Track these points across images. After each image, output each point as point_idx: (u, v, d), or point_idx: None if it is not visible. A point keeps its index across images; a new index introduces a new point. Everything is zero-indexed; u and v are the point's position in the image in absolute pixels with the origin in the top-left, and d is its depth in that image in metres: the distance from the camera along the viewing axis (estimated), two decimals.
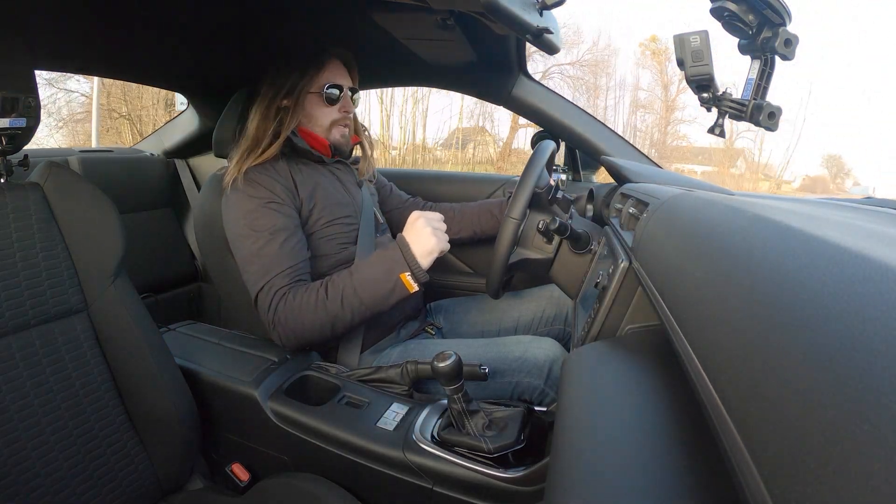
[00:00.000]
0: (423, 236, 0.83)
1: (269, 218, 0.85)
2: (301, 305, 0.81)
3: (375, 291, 0.82)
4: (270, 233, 0.84)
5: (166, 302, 1.58)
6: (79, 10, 0.81)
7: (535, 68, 9.17)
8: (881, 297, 0.16)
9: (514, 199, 0.81)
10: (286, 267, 0.83)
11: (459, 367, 0.66)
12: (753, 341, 0.20)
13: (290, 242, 0.85)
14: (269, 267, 0.83)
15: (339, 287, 0.82)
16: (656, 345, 0.44)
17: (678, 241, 0.38)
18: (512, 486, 0.63)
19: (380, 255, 0.85)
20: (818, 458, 0.14)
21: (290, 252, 0.85)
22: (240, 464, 0.85)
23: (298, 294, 0.82)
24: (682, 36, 0.60)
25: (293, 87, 0.93)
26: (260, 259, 0.83)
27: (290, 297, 0.81)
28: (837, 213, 0.41)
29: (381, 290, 0.82)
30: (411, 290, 0.82)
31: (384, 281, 0.82)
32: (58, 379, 0.67)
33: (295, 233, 0.87)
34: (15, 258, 0.67)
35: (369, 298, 0.82)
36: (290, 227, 0.87)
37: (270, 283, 0.82)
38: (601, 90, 10.60)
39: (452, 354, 0.66)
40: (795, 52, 0.56)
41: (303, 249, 0.88)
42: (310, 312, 0.81)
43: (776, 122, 0.58)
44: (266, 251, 0.83)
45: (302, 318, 0.81)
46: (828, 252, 0.21)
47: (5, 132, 0.68)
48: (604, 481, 0.27)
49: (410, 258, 0.82)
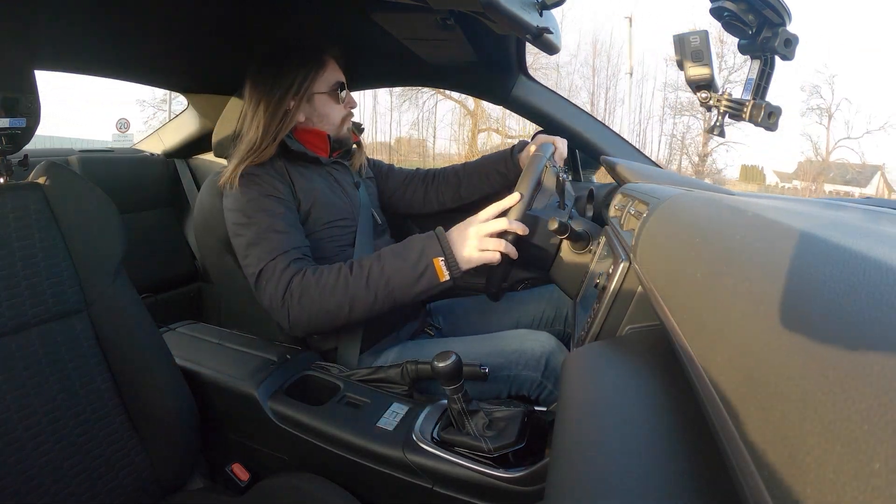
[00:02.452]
0: (467, 247, 0.78)
1: (270, 206, 0.85)
2: (321, 283, 0.78)
3: (404, 274, 0.77)
4: (271, 216, 0.84)
5: (166, 302, 1.58)
6: (79, 10, 0.81)
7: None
8: (881, 298, 0.16)
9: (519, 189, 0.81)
10: (293, 247, 0.82)
11: (459, 367, 0.66)
12: (753, 341, 0.20)
13: (293, 228, 0.85)
14: (274, 247, 0.81)
15: (366, 267, 0.78)
16: (656, 345, 0.44)
17: (678, 241, 0.38)
18: (512, 486, 0.63)
19: (414, 238, 0.81)
20: (818, 458, 0.14)
21: (294, 237, 0.84)
22: (240, 464, 0.85)
23: (319, 271, 0.79)
24: (682, 36, 0.60)
25: (300, 88, 0.92)
26: (263, 242, 0.82)
27: (308, 274, 0.79)
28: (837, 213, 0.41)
29: (411, 273, 0.77)
30: (442, 278, 0.77)
31: (416, 262, 0.77)
32: (58, 379, 0.67)
33: (295, 223, 0.87)
34: (15, 258, 0.67)
35: (397, 280, 0.77)
36: (290, 217, 0.87)
37: (276, 261, 0.80)
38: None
39: (453, 355, 0.66)
40: (795, 52, 0.56)
41: (305, 239, 0.87)
42: (328, 291, 0.78)
43: (776, 123, 0.58)
44: (268, 235, 0.82)
45: (320, 297, 0.78)
46: (828, 252, 0.21)
47: (5, 132, 0.68)
48: (604, 481, 0.27)
49: (447, 247, 0.78)
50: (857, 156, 12.02)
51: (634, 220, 0.58)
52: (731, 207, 0.36)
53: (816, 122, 12.68)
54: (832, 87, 12.67)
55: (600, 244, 0.78)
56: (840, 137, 12.25)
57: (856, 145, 12.59)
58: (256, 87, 0.93)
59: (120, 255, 0.75)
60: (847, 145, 12.25)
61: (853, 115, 13.71)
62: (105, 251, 0.74)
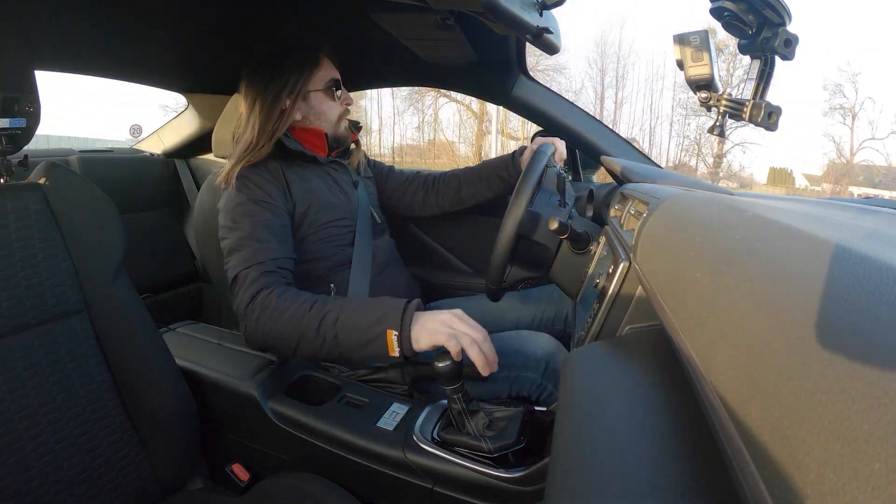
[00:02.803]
0: (435, 323, 0.70)
1: (257, 213, 0.84)
2: (280, 307, 0.75)
3: (355, 333, 0.72)
4: (254, 224, 0.83)
5: (166, 302, 1.58)
6: (79, 10, 0.81)
7: None
8: (881, 297, 0.16)
9: (518, 189, 0.81)
10: (269, 258, 0.81)
11: (459, 367, 0.66)
12: (753, 341, 0.20)
13: (276, 238, 0.84)
14: (250, 255, 0.80)
15: (325, 310, 0.74)
16: (656, 345, 0.44)
17: (678, 241, 0.38)
18: (512, 486, 0.63)
19: (383, 300, 0.75)
20: (818, 459, 0.14)
21: (275, 246, 0.83)
22: (240, 464, 0.85)
23: (286, 294, 0.77)
24: (682, 36, 0.60)
25: (294, 87, 0.92)
26: (243, 249, 0.81)
27: (275, 293, 0.77)
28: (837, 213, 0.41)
29: (362, 335, 0.71)
30: (391, 352, 0.70)
31: (370, 326, 0.71)
32: (58, 379, 0.67)
33: (282, 232, 0.86)
34: (14, 258, 0.67)
35: (345, 336, 0.72)
36: (276, 225, 0.85)
37: (249, 270, 0.79)
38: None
39: None
40: (795, 52, 0.56)
41: (288, 249, 0.85)
42: (284, 319, 0.75)
43: (776, 123, 0.58)
44: (248, 242, 0.81)
45: (275, 321, 0.75)
46: (828, 252, 0.21)
47: (5, 132, 0.68)
48: (604, 481, 0.27)
49: (407, 322, 0.70)
50: (882, 157, 11.85)
51: (634, 220, 0.58)
52: (731, 207, 0.36)
53: (840, 122, 12.47)
54: (855, 85, 12.39)
55: (600, 244, 0.78)
56: (864, 138, 12.08)
57: (881, 146, 12.38)
58: (252, 86, 0.93)
59: (120, 256, 0.75)
60: (872, 146, 12.08)
61: (878, 115, 13.38)
62: (105, 251, 0.74)
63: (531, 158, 0.86)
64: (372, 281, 0.96)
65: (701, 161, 13.40)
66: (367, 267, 0.96)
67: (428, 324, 0.70)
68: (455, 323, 0.70)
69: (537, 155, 0.86)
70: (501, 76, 1.21)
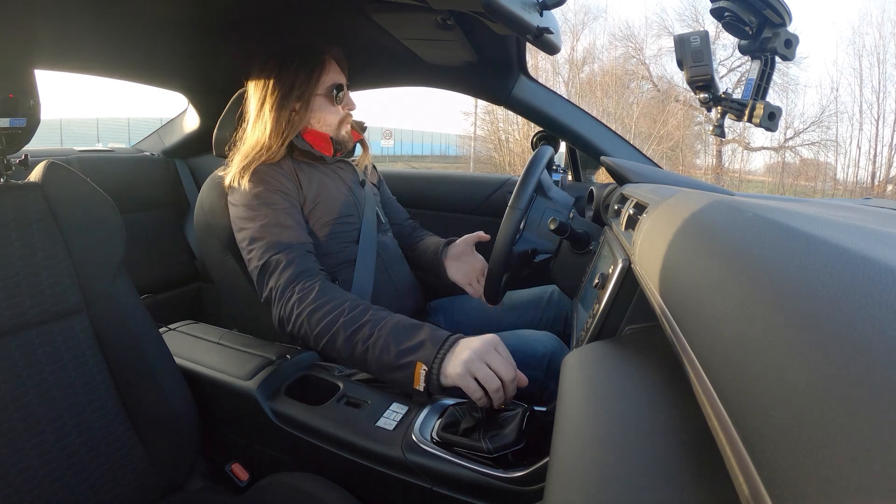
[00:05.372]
0: (469, 363, 0.65)
1: (277, 202, 0.87)
2: (320, 300, 0.76)
3: (386, 356, 0.70)
4: (277, 211, 0.85)
5: (166, 302, 1.58)
6: (79, 10, 0.81)
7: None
8: (881, 298, 0.16)
9: (517, 191, 0.81)
10: (298, 242, 0.83)
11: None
12: (753, 341, 0.20)
13: (298, 225, 0.86)
14: (279, 240, 0.82)
15: (365, 322, 0.72)
16: (656, 345, 0.44)
17: (678, 241, 0.38)
18: (512, 486, 0.63)
19: (424, 329, 0.71)
20: (818, 459, 0.14)
21: (300, 233, 0.86)
22: (239, 464, 0.85)
23: (326, 289, 0.77)
24: (683, 36, 0.60)
25: (302, 90, 0.93)
26: (268, 235, 0.83)
27: (318, 286, 0.77)
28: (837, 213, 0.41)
29: (392, 360, 0.69)
30: (415, 384, 0.68)
31: (402, 352, 0.69)
32: (57, 379, 0.67)
33: (301, 221, 0.89)
34: (14, 258, 0.67)
35: (376, 356, 0.70)
36: (295, 214, 0.88)
37: (281, 255, 0.80)
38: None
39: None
40: (795, 52, 0.56)
41: (308, 236, 0.88)
42: (320, 314, 0.75)
43: (776, 123, 0.58)
44: (273, 229, 0.83)
45: (311, 313, 0.76)
46: (828, 252, 0.21)
47: (5, 132, 0.68)
48: (603, 481, 0.27)
49: (441, 358, 0.67)
50: None
51: (634, 221, 0.58)
52: (731, 207, 0.36)
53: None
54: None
55: (600, 244, 0.78)
56: None
57: None
58: (258, 88, 0.93)
59: (120, 255, 0.75)
60: None
61: None
62: (105, 251, 0.74)
63: (529, 162, 0.86)
64: (376, 278, 0.97)
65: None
66: (371, 264, 0.97)
67: (459, 366, 0.65)
68: (489, 359, 0.66)
69: (535, 160, 0.86)
70: (501, 76, 1.21)
